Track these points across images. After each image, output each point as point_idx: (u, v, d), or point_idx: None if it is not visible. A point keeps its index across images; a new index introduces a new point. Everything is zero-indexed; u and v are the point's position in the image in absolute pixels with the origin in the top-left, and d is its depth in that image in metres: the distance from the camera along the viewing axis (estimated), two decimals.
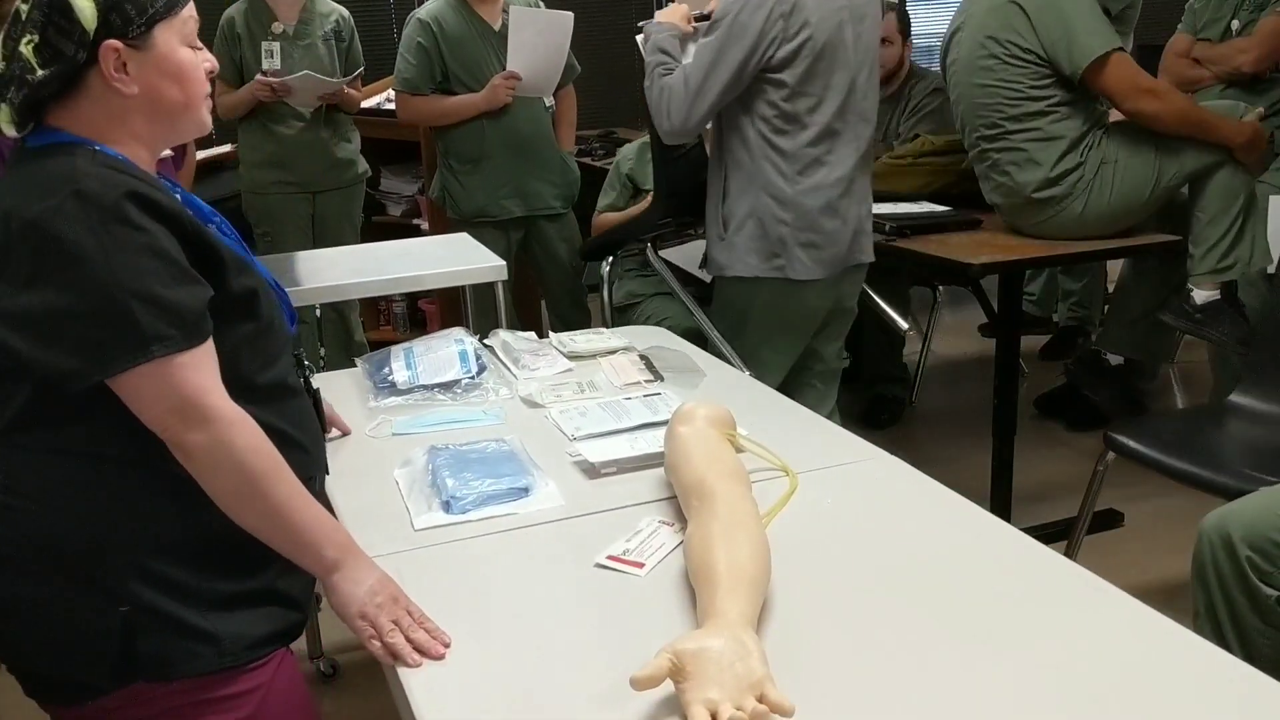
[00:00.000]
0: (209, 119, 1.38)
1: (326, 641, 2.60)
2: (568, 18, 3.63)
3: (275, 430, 1.35)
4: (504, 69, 3.56)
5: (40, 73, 1.24)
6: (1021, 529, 1.51)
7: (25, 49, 1.24)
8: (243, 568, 1.33)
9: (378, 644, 1.26)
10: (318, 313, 3.81)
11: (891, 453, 1.75)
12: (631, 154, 3.31)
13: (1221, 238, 2.89)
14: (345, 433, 1.88)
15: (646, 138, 3.28)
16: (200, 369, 1.24)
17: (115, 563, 1.26)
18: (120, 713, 1.29)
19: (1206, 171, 2.88)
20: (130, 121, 1.30)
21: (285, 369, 1.42)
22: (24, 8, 1.25)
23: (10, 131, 1.27)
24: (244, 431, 1.26)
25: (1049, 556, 1.43)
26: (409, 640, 1.25)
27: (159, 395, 1.22)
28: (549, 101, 3.80)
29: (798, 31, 2.38)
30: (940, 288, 4.34)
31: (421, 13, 3.71)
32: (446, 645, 1.26)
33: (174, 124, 1.35)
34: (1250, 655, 1.77)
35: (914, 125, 3.87)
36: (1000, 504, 2.95)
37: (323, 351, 3.93)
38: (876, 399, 3.91)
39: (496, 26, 3.64)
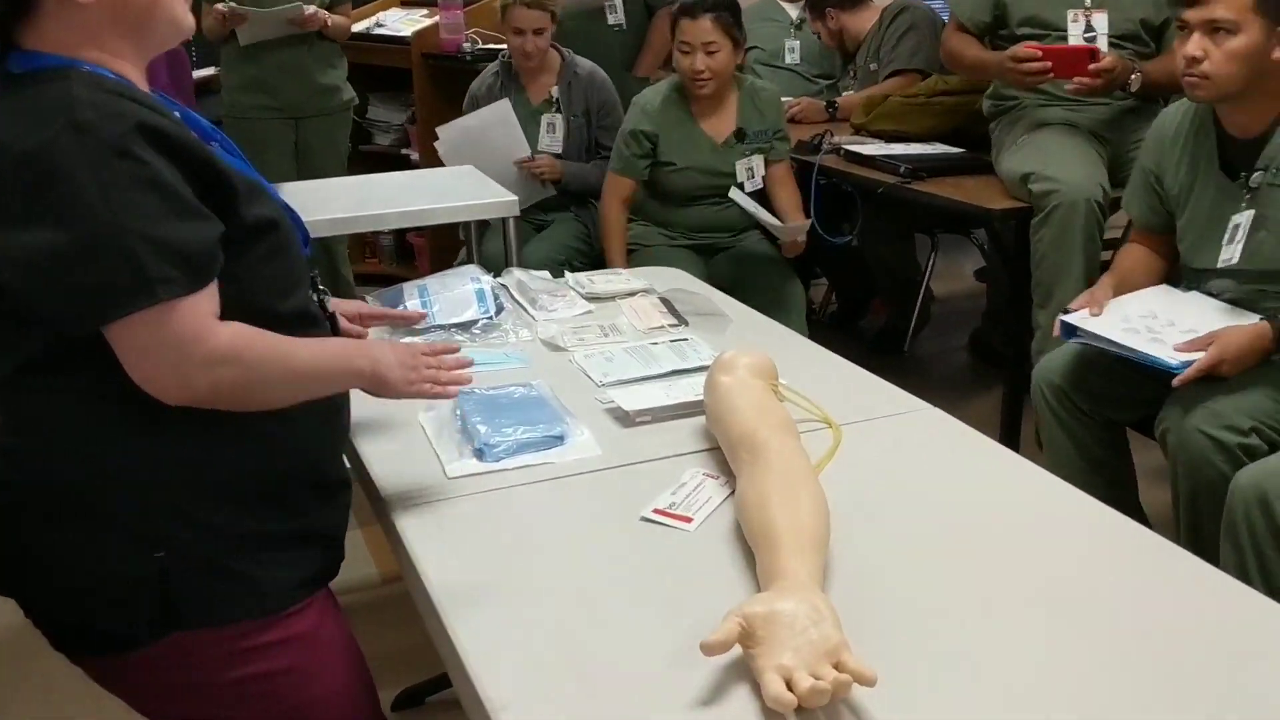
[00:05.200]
0: (189, 17, 1.26)
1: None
2: None
3: None
4: None
5: None
6: None
7: None
8: (278, 509, 1.27)
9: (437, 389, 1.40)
10: None
11: None
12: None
13: None
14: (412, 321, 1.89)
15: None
16: (199, 313, 1.16)
17: (145, 506, 1.20)
18: (162, 663, 1.23)
19: None
20: (101, 35, 1.19)
21: (305, 297, 1.35)
22: None
23: None
24: (246, 354, 1.19)
25: (1092, 506, 1.42)
26: (440, 383, 1.39)
27: (157, 343, 1.14)
28: (612, 19, 3.73)
29: None
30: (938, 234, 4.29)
31: None
32: (467, 381, 1.44)
33: (147, 28, 1.23)
34: None
35: (891, 50, 3.78)
36: (1010, 446, 2.91)
37: None
38: (885, 328, 3.99)
39: None
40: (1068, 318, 2.14)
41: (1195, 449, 1.97)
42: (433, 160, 3.81)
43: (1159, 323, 2.09)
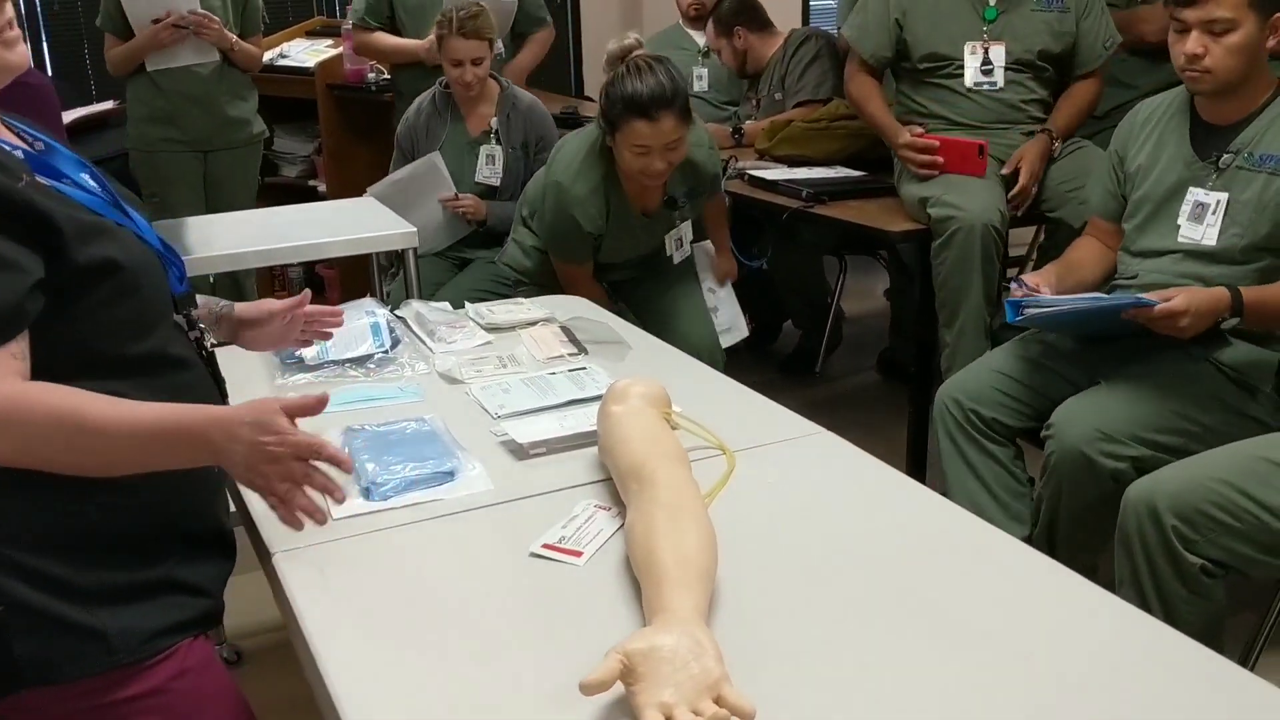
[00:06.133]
0: (9, 56, 1.22)
1: (229, 627, 2.47)
2: None
3: None
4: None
5: None
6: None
7: None
8: (132, 557, 1.23)
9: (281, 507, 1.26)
10: (211, 280, 3.62)
11: (805, 416, 1.74)
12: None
13: None
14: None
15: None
16: None
17: None
18: None
19: None
20: None
21: (164, 339, 1.30)
22: None
23: None
24: (14, 416, 1.12)
25: (986, 529, 1.42)
26: (297, 505, 1.26)
27: None
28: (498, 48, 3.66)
29: None
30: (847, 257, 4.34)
31: None
32: (340, 501, 1.29)
33: None
34: (1173, 622, 1.78)
35: (797, 80, 3.82)
36: (916, 464, 2.94)
37: None
38: (797, 350, 4.01)
39: None
40: (1014, 296, 2.15)
41: (1072, 463, 2.04)
42: (339, 191, 3.76)
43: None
